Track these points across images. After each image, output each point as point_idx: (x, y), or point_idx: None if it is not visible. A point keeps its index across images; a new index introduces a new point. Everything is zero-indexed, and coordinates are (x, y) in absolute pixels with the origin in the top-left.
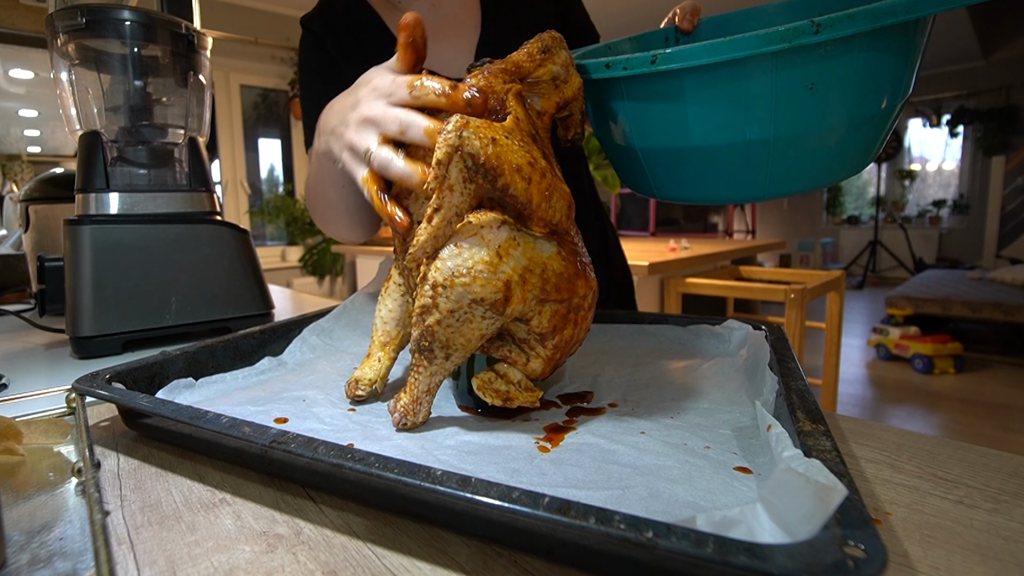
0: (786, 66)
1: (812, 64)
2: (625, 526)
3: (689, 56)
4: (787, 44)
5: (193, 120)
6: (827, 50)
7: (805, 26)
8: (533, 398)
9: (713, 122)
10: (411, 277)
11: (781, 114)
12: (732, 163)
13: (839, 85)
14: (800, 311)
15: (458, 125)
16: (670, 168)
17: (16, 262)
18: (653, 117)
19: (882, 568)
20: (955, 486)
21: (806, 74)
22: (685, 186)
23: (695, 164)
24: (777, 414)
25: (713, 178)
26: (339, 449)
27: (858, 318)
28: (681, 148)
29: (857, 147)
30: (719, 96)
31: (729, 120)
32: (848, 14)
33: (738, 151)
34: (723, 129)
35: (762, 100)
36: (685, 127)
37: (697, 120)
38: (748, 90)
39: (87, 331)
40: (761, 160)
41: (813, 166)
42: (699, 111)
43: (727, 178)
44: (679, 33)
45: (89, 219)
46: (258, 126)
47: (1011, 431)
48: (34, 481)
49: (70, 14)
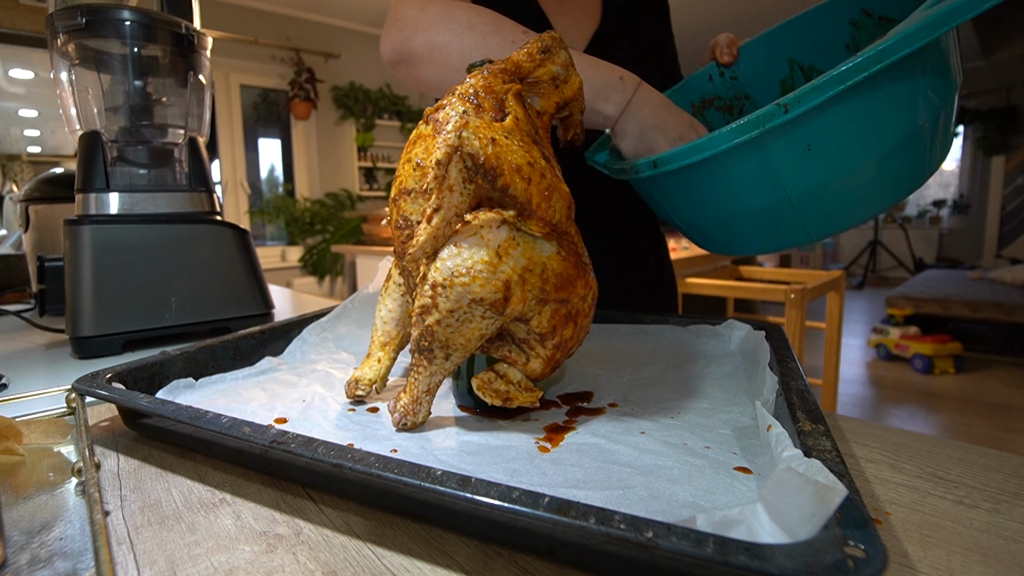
0: (771, 142)
1: (797, 132)
2: (625, 526)
3: (680, 156)
4: (761, 129)
5: (193, 120)
6: (806, 118)
7: (773, 110)
8: (533, 398)
9: (730, 195)
10: (411, 277)
11: (789, 177)
12: (763, 223)
13: (837, 137)
14: (800, 311)
15: (458, 125)
16: (715, 232)
17: (16, 262)
18: (679, 198)
19: (882, 568)
20: (955, 486)
21: (796, 140)
22: (734, 243)
23: (732, 226)
24: (777, 414)
25: (753, 234)
26: (339, 449)
27: (858, 318)
28: (713, 216)
29: (895, 174)
30: (724, 177)
31: (741, 192)
32: (814, 85)
33: (764, 214)
34: (741, 199)
35: (764, 172)
36: (708, 202)
37: (717, 195)
38: (744, 169)
39: (87, 331)
40: (791, 215)
41: (851, 204)
42: (715, 189)
43: (766, 233)
44: (721, 67)
45: (89, 219)
46: (258, 126)
47: (1011, 431)
48: (34, 481)
49: (70, 14)
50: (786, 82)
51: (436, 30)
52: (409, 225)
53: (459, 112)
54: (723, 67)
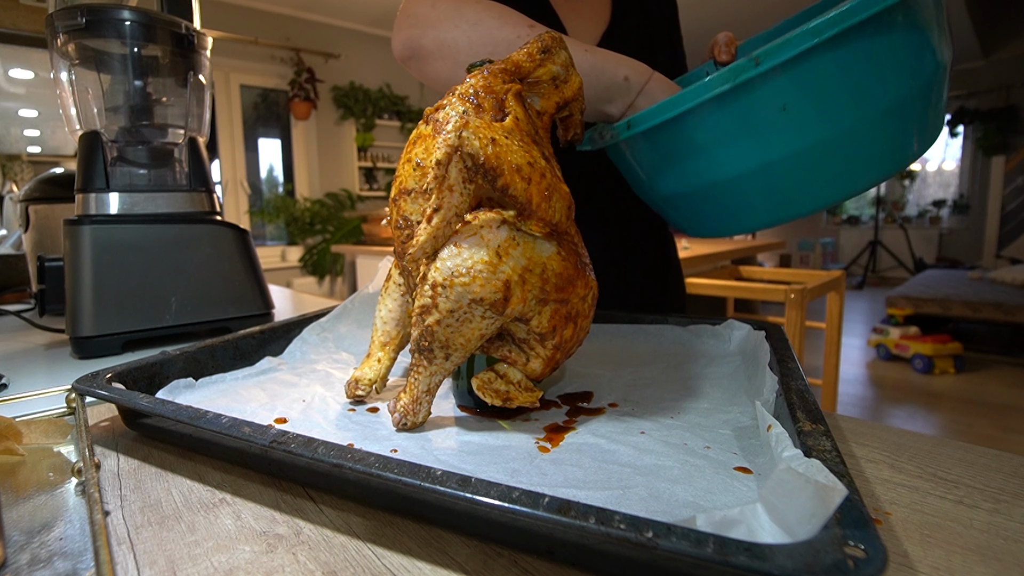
0: (744, 98)
1: (771, 89)
2: (625, 526)
3: (654, 114)
4: (732, 83)
5: (193, 120)
6: (781, 75)
7: (745, 63)
8: (533, 398)
9: (706, 161)
10: (411, 277)
11: (762, 141)
12: (741, 195)
13: (813, 99)
14: (800, 311)
15: (458, 125)
16: (692, 208)
17: (16, 262)
18: (656, 166)
19: (882, 568)
20: (955, 486)
21: (771, 98)
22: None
23: (709, 200)
24: (777, 414)
25: (731, 209)
26: (339, 449)
27: (858, 318)
28: (690, 189)
29: (879, 146)
30: (698, 138)
31: (716, 157)
32: (787, 38)
33: (741, 184)
34: (716, 165)
35: (739, 135)
36: (684, 171)
37: (693, 162)
38: (719, 130)
39: (87, 331)
40: (769, 186)
41: (829, 177)
42: (690, 154)
43: (745, 207)
44: (718, 66)
45: (89, 219)
46: (258, 126)
47: (1011, 431)
48: (34, 481)
49: (70, 14)
50: None
51: (445, 27)
52: (409, 225)
53: (459, 112)
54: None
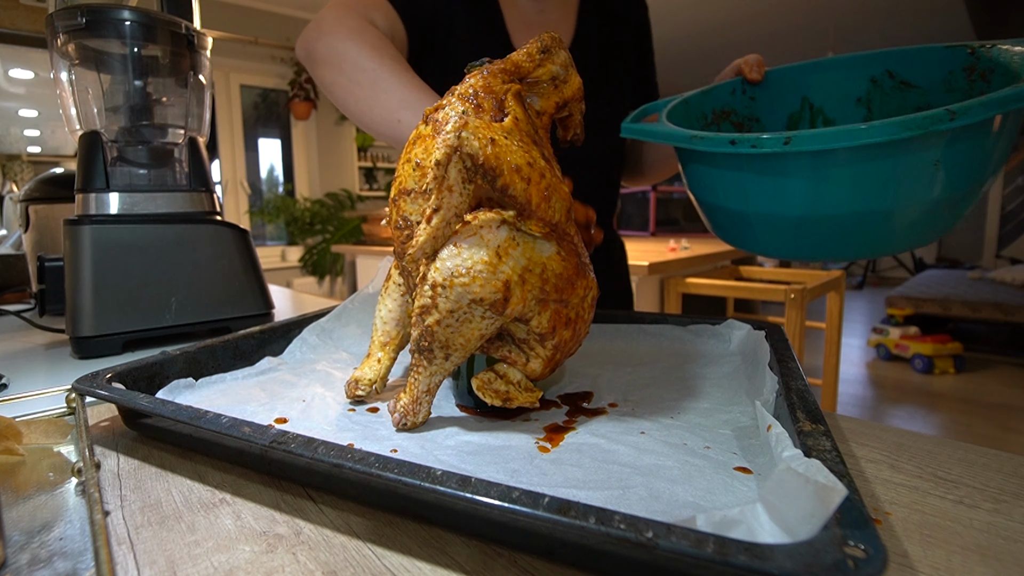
0: (918, 148)
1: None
2: (625, 526)
3: (826, 139)
4: (922, 131)
5: (193, 120)
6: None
7: (941, 114)
8: (533, 398)
9: (832, 195)
10: (411, 277)
11: (904, 189)
12: (846, 230)
13: (961, 161)
14: (800, 311)
15: (457, 125)
16: (782, 231)
17: (16, 262)
18: (775, 188)
19: (882, 568)
20: (955, 486)
21: (934, 153)
22: (793, 247)
23: (807, 230)
24: (777, 414)
25: (823, 241)
26: (339, 449)
27: (858, 318)
28: (793, 216)
29: (960, 210)
30: (841, 174)
31: (850, 194)
32: (980, 102)
33: (856, 220)
34: (842, 202)
35: (887, 177)
36: (801, 198)
37: (815, 193)
38: (876, 168)
39: (87, 331)
40: (876, 227)
41: (923, 229)
42: (820, 186)
43: (838, 242)
44: (747, 84)
45: (89, 219)
46: (258, 126)
47: (1011, 431)
48: (34, 481)
49: (70, 14)
50: (793, 116)
51: (341, 36)
52: (409, 225)
53: (459, 112)
54: (749, 84)
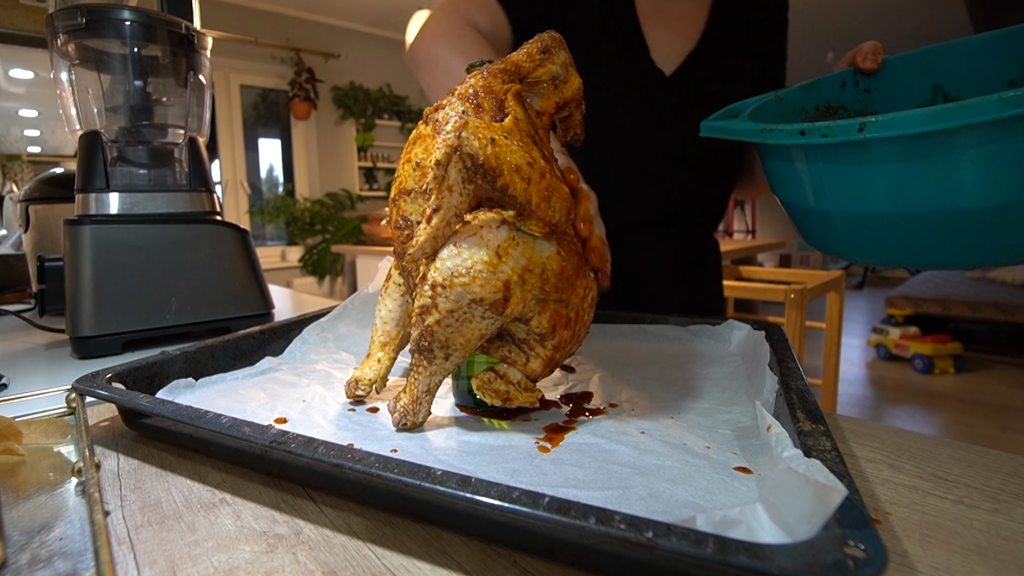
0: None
1: None
2: (625, 526)
3: (907, 123)
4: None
5: (193, 120)
6: None
7: None
8: (533, 398)
9: (928, 189)
10: (411, 277)
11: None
12: (953, 231)
13: None
14: (800, 311)
15: (457, 125)
16: (871, 233)
17: (16, 262)
18: (855, 182)
19: (882, 568)
20: (955, 486)
21: None
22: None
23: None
24: (777, 414)
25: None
26: (339, 449)
27: (858, 318)
28: (890, 213)
29: None
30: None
31: (953, 186)
32: None
33: (976, 216)
34: (944, 196)
35: (999, 164)
36: (895, 193)
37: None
38: (982, 155)
39: (87, 331)
40: (995, 227)
41: None
42: (914, 179)
43: (945, 245)
44: (859, 75)
45: (89, 219)
46: (258, 126)
47: (1011, 431)
48: (34, 481)
49: (70, 14)
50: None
51: (438, 43)
52: (409, 225)
53: (459, 112)
54: (862, 75)
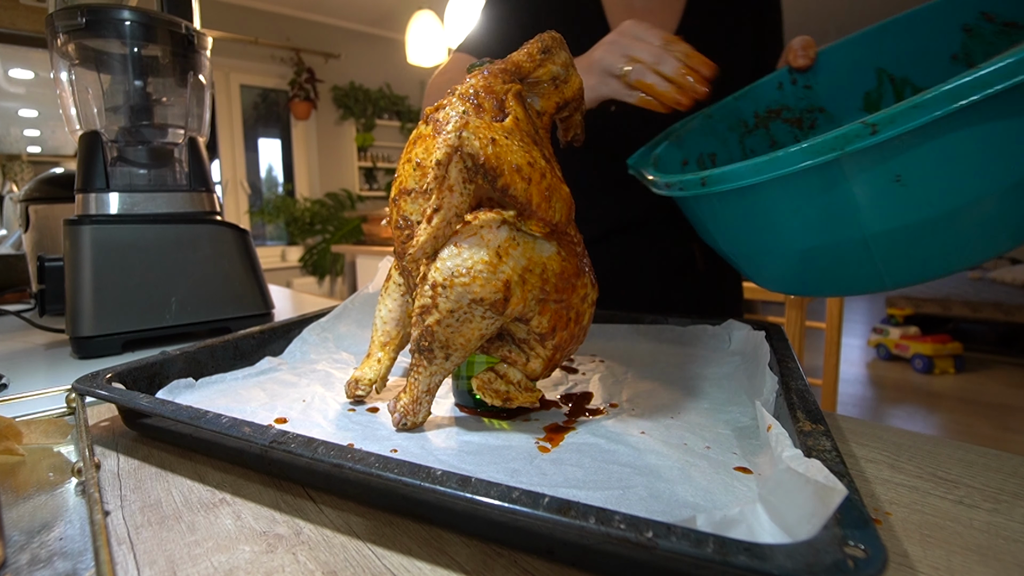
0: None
1: (886, 160)
2: (625, 526)
3: (735, 176)
4: (840, 152)
5: (193, 120)
6: (900, 143)
7: (857, 129)
8: (533, 398)
9: (792, 227)
10: (411, 277)
11: (867, 213)
12: (829, 264)
13: (939, 170)
14: (800, 311)
15: (458, 125)
16: (770, 267)
17: (16, 262)
18: (731, 224)
19: (882, 568)
20: (955, 486)
21: (884, 169)
22: (790, 282)
23: (790, 264)
24: (777, 414)
25: (814, 275)
26: (339, 449)
27: (858, 318)
28: (769, 250)
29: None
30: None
31: (805, 225)
32: (914, 103)
33: (831, 253)
34: (803, 233)
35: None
36: (764, 232)
37: (776, 225)
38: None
39: (87, 331)
40: (863, 259)
41: (944, 251)
42: (774, 218)
43: (831, 276)
44: (794, 73)
45: (89, 219)
46: (258, 126)
47: (1011, 431)
48: (34, 481)
49: (70, 14)
50: (871, 95)
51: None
52: (409, 225)
53: (459, 112)
54: (797, 72)
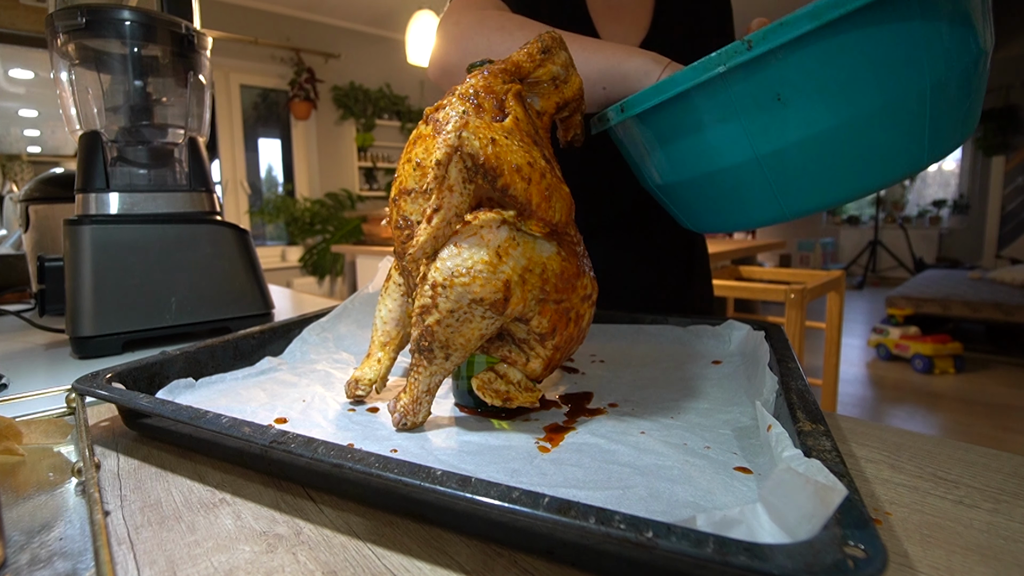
0: (736, 85)
1: (765, 77)
2: (625, 526)
3: (645, 98)
4: (724, 67)
5: (193, 120)
6: (775, 60)
7: (736, 46)
8: (533, 398)
9: (699, 149)
10: (411, 277)
11: (755, 132)
12: (734, 188)
13: (812, 88)
14: (800, 311)
15: (458, 125)
16: (689, 199)
17: (16, 262)
18: (650, 153)
19: (882, 568)
20: (955, 486)
21: (764, 87)
22: (706, 214)
23: (704, 192)
24: (777, 414)
25: (725, 202)
26: (339, 449)
27: (858, 318)
28: (684, 179)
29: (884, 146)
30: (691, 125)
31: (710, 146)
32: (782, 21)
33: (734, 177)
34: (709, 155)
35: (731, 123)
36: (678, 158)
37: (686, 149)
38: (710, 117)
39: (87, 331)
40: (761, 181)
41: (828, 175)
42: (684, 141)
43: (738, 202)
44: None
45: (89, 219)
46: (258, 126)
47: (1011, 431)
48: (34, 481)
49: (70, 14)
50: None
51: (468, 37)
52: (409, 225)
53: (459, 112)
54: None
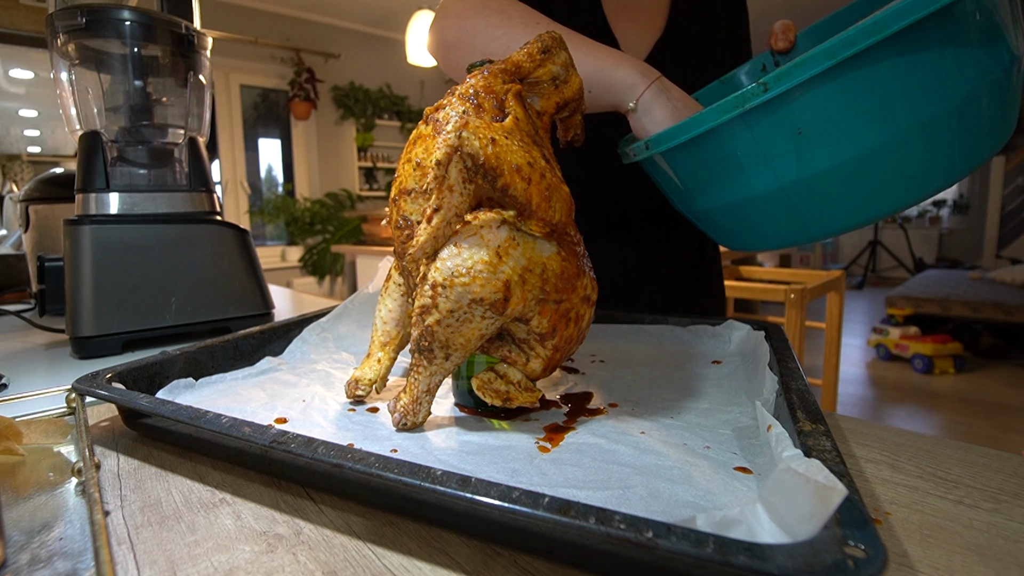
0: (757, 124)
1: (783, 114)
2: (625, 526)
3: (669, 137)
4: (741, 109)
5: (193, 120)
6: (791, 98)
7: (753, 89)
8: (533, 398)
9: (727, 180)
10: (411, 277)
11: (778, 164)
12: (763, 214)
13: (831, 121)
14: (800, 311)
15: (458, 125)
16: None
17: (16, 262)
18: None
19: (882, 568)
20: (955, 486)
21: (783, 123)
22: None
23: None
24: (777, 414)
25: (755, 226)
26: (339, 449)
27: (858, 318)
28: (714, 206)
29: (909, 168)
30: (718, 159)
31: (737, 177)
32: (796, 62)
33: (763, 204)
34: (737, 185)
35: (756, 155)
36: (708, 187)
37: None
38: (739, 150)
39: (87, 331)
40: (788, 208)
41: (853, 200)
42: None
43: (767, 227)
44: (776, 55)
45: (89, 219)
46: (258, 126)
47: (1011, 431)
48: (34, 481)
49: (70, 14)
50: None
51: (468, 15)
52: (409, 225)
53: (459, 112)
54: (778, 55)
